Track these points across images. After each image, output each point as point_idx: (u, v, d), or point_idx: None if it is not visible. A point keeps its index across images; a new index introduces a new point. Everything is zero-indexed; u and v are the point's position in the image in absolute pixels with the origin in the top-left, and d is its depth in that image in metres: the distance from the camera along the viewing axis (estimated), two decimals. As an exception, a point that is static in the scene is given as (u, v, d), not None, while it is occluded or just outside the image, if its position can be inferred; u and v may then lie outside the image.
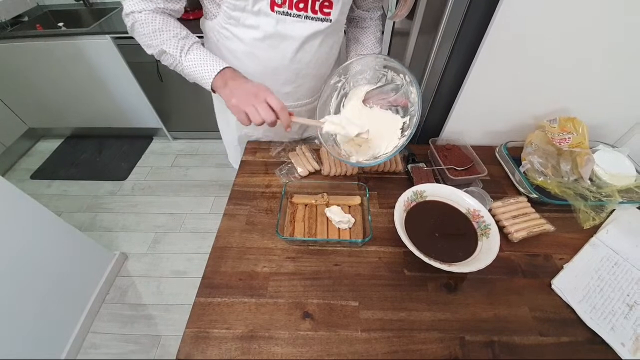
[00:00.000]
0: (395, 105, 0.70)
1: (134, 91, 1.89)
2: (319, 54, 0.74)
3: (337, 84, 0.73)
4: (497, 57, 0.70)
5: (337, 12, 0.67)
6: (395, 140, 0.65)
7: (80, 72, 1.81)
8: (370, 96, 0.71)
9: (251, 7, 0.62)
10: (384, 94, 0.70)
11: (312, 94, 0.86)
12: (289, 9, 0.63)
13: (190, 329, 0.54)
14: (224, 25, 0.68)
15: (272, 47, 0.69)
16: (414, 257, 0.57)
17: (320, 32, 0.69)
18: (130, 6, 0.61)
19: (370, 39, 0.82)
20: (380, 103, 0.70)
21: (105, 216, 1.78)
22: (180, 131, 2.21)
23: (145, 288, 1.47)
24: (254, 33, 0.66)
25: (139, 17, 0.61)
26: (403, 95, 0.67)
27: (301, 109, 0.87)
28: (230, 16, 0.65)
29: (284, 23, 0.65)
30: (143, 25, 0.61)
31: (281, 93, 0.80)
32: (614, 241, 0.65)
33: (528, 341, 0.54)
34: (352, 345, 0.53)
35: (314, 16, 0.66)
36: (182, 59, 0.63)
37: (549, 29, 0.65)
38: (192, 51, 0.63)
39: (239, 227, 0.69)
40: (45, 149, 2.23)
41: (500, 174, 0.82)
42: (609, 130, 0.84)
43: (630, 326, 0.53)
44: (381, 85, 0.71)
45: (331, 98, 0.74)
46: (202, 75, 0.62)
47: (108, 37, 1.64)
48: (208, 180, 1.97)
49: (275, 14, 0.64)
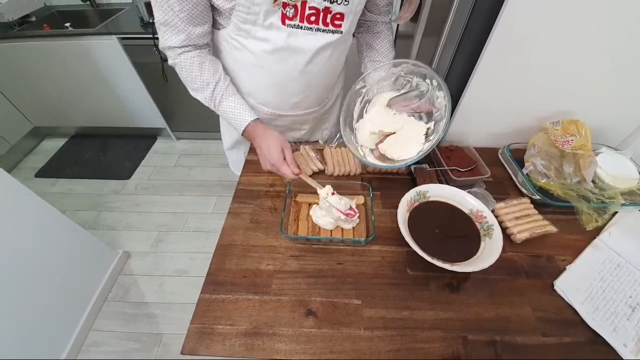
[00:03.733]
0: (419, 112, 0.70)
1: (138, 91, 1.90)
2: (328, 64, 0.74)
3: (362, 90, 0.74)
4: (501, 60, 0.70)
5: (348, 23, 0.66)
6: (419, 146, 0.67)
7: (86, 72, 1.83)
8: (393, 103, 0.71)
9: (262, 21, 0.62)
10: (407, 101, 0.70)
11: (319, 102, 0.86)
12: (300, 22, 0.63)
13: (195, 325, 0.55)
14: (233, 36, 0.67)
15: (283, 59, 0.69)
16: (416, 257, 0.57)
17: (330, 44, 0.68)
18: (163, 42, 0.65)
19: (384, 44, 0.82)
20: (403, 110, 0.71)
21: (108, 215, 1.79)
22: (184, 131, 2.23)
23: (147, 286, 1.48)
24: (265, 46, 0.66)
25: (177, 61, 0.68)
26: (427, 102, 0.68)
27: (308, 117, 0.88)
28: (240, 28, 0.65)
29: (295, 36, 0.65)
30: (182, 70, 0.69)
31: (289, 104, 0.81)
32: (617, 243, 0.65)
33: (530, 341, 0.54)
34: (355, 343, 0.53)
35: (325, 28, 0.65)
36: (217, 110, 0.74)
37: (552, 32, 0.65)
38: (223, 102, 0.71)
39: (243, 225, 0.70)
40: (50, 148, 2.25)
41: (503, 175, 0.82)
42: (612, 132, 0.84)
43: (633, 327, 0.54)
44: (405, 92, 0.71)
45: (355, 104, 0.75)
46: (234, 126, 0.74)
47: (114, 37, 1.66)
48: (211, 180, 1.98)
49: (287, 27, 0.63)
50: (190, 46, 0.67)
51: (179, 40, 0.64)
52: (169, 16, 0.60)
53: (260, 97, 0.79)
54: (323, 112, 0.91)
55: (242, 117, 0.71)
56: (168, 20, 0.61)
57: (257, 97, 0.79)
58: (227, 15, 0.64)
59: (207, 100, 0.72)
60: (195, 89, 0.71)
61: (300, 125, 0.91)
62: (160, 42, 0.66)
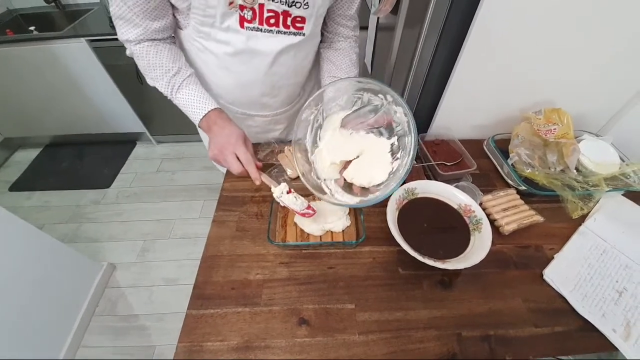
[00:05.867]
0: (377, 127, 0.62)
1: (113, 95, 1.82)
2: (294, 65, 0.71)
3: (310, 117, 0.65)
4: (482, 50, 0.70)
5: (310, 26, 0.64)
6: (387, 165, 0.60)
7: (56, 78, 1.73)
8: (347, 122, 0.64)
9: (220, 24, 0.59)
10: (361, 117, 0.63)
11: (291, 101, 0.83)
12: (259, 25, 0.60)
13: (183, 344, 0.52)
14: (195, 37, 0.64)
15: (246, 61, 0.66)
16: (407, 256, 0.56)
17: (293, 46, 0.65)
18: (121, 35, 0.62)
19: (344, 61, 0.76)
20: (360, 127, 0.63)
21: (90, 226, 1.72)
22: (164, 135, 2.16)
23: (136, 298, 1.43)
24: (225, 48, 0.63)
25: (134, 50, 0.63)
26: (384, 115, 0.61)
27: (280, 117, 0.85)
28: (199, 30, 0.62)
29: (256, 39, 0.62)
30: (139, 59, 0.64)
31: (259, 104, 0.78)
32: (602, 229, 0.67)
33: (523, 333, 0.54)
34: (350, 349, 0.52)
35: (287, 31, 0.63)
36: (173, 98, 0.67)
37: (531, 21, 0.65)
38: (181, 90, 0.65)
39: (229, 234, 0.67)
40: (23, 159, 2.14)
41: (489, 167, 0.83)
42: (593, 119, 0.85)
43: (621, 312, 0.55)
44: (357, 108, 0.64)
45: (305, 134, 0.66)
46: (191, 116, 0.67)
47: (83, 40, 1.58)
48: (196, 184, 1.93)
49: (246, 30, 0.60)
50: (149, 40, 0.63)
51: (136, 34, 0.61)
52: (123, 10, 0.57)
53: (229, 98, 0.76)
54: (296, 110, 0.88)
55: (201, 104, 0.65)
56: (123, 14, 0.58)
57: (226, 98, 0.76)
58: (185, 14, 0.61)
59: (164, 87, 0.66)
60: (153, 77, 0.66)
61: (274, 126, 0.88)
62: (118, 35, 0.62)
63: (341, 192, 0.62)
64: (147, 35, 0.62)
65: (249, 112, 0.81)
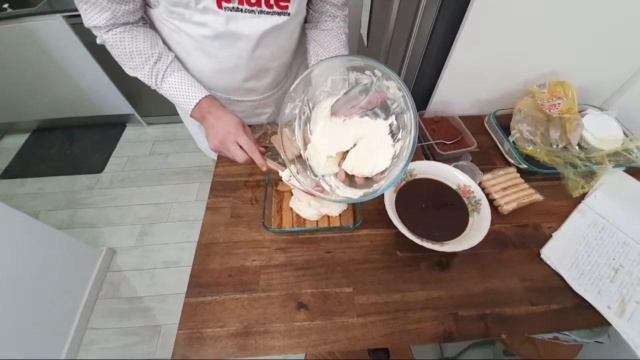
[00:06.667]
0: (371, 109, 0.54)
1: (97, 76, 1.73)
2: (279, 46, 0.65)
3: (295, 111, 0.56)
4: (485, 21, 0.65)
5: (295, 5, 0.58)
6: (389, 148, 0.52)
7: (35, 58, 1.63)
8: (337, 109, 0.55)
9: (195, 5, 0.53)
10: (352, 101, 0.54)
11: (277, 84, 0.78)
12: (239, 4, 0.54)
13: (183, 331, 0.53)
14: (167, 17, 0.58)
15: (227, 45, 0.60)
16: (405, 238, 0.56)
17: (277, 27, 0.59)
18: (86, 21, 0.55)
19: (332, 42, 0.68)
20: (352, 112, 0.55)
21: (86, 212, 1.70)
22: (154, 116, 2.08)
23: (138, 281, 1.45)
24: (203, 31, 0.57)
25: (106, 39, 0.58)
26: (376, 93, 0.53)
27: (267, 100, 0.80)
28: (172, 11, 0.55)
29: (236, 20, 0.56)
30: (113, 48, 0.59)
31: (243, 89, 0.73)
32: (601, 206, 0.66)
33: (519, 311, 0.55)
34: (348, 331, 0.53)
35: (270, 10, 0.56)
36: (159, 88, 0.62)
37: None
38: (167, 79, 0.61)
39: (224, 220, 0.66)
40: (12, 146, 2.07)
41: (489, 144, 0.80)
42: (598, 91, 0.82)
43: (616, 289, 0.55)
44: (345, 91, 0.55)
45: (294, 133, 0.57)
46: (181, 106, 0.62)
47: (59, 16, 1.46)
48: (190, 166, 1.89)
49: (224, 11, 0.54)
50: (121, 25, 0.57)
51: (104, 18, 0.54)
52: None
53: (210, 83, 0.69)
54: (283, 92, 0.82)
55: (191, 93, 0.61)
56: None
57: (205, 82, 0.67)
58: None
59: (147, 76, 0.61)
60: (133, 67, 0.61)
61: (261, 110, 0.83)
62: (83, 21, 0.56)
63: (343, 187, 0.56)
64: (116, 19, 0.55)
65: (233, 98, 0.75)
